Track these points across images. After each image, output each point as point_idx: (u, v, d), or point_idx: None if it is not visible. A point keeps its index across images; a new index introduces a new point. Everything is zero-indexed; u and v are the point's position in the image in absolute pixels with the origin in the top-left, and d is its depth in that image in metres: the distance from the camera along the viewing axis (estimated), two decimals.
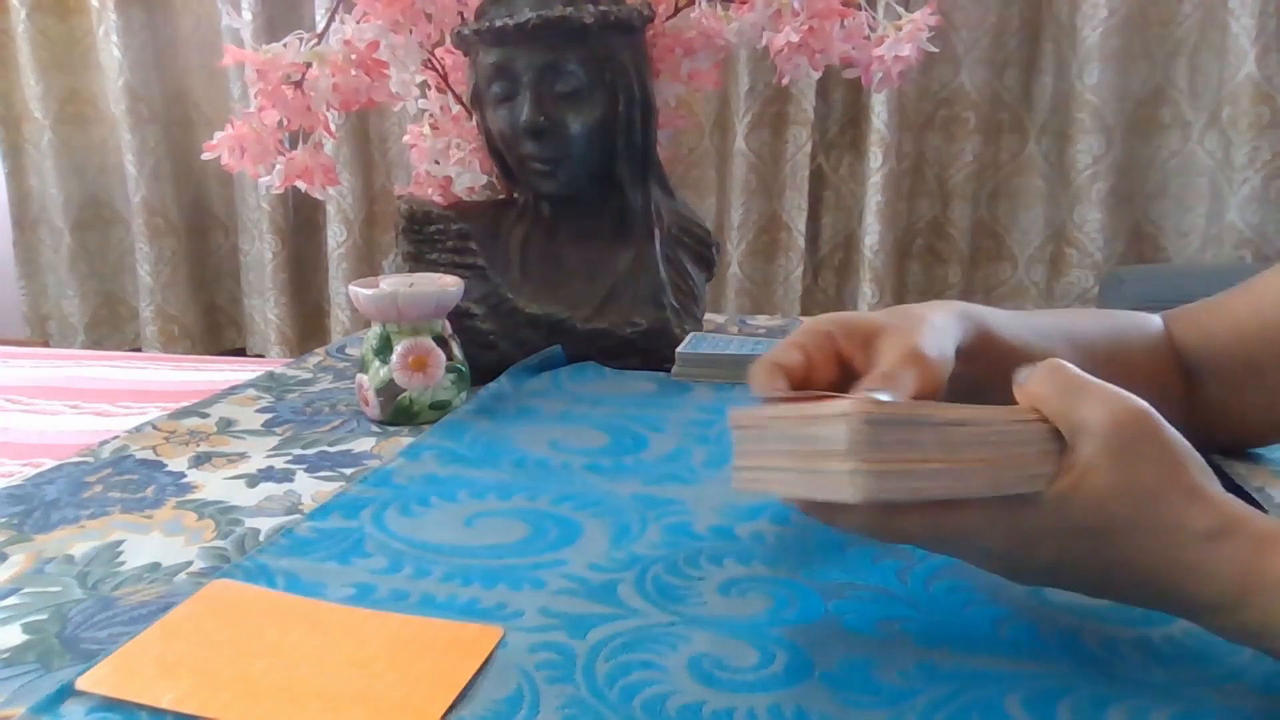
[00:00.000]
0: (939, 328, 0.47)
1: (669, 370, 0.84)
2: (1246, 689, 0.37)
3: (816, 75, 0.91)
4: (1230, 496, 0.37)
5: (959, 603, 0.44)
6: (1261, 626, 0.35)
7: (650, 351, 0.86)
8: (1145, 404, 0.37)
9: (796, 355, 0.47)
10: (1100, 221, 1.94)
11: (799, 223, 2.09)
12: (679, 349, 0.84)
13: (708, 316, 1.03)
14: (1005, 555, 0.38)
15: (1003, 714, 0.36)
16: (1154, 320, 0.61)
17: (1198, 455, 0.37)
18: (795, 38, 0.86)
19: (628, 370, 0.85)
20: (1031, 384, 0.38)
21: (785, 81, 0.91)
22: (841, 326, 0.48)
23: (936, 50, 0.92)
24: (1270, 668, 0.39)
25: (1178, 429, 0.37)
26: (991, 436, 0.36)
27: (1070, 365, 0.38)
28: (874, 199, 2.00)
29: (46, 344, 2.43)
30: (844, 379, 0.47)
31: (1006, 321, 0.53)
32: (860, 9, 0.89)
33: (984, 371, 0.49)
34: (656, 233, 0.89)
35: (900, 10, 0.89)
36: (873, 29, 0.89)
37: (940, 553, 0.40)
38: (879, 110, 1.96)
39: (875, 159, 1.98)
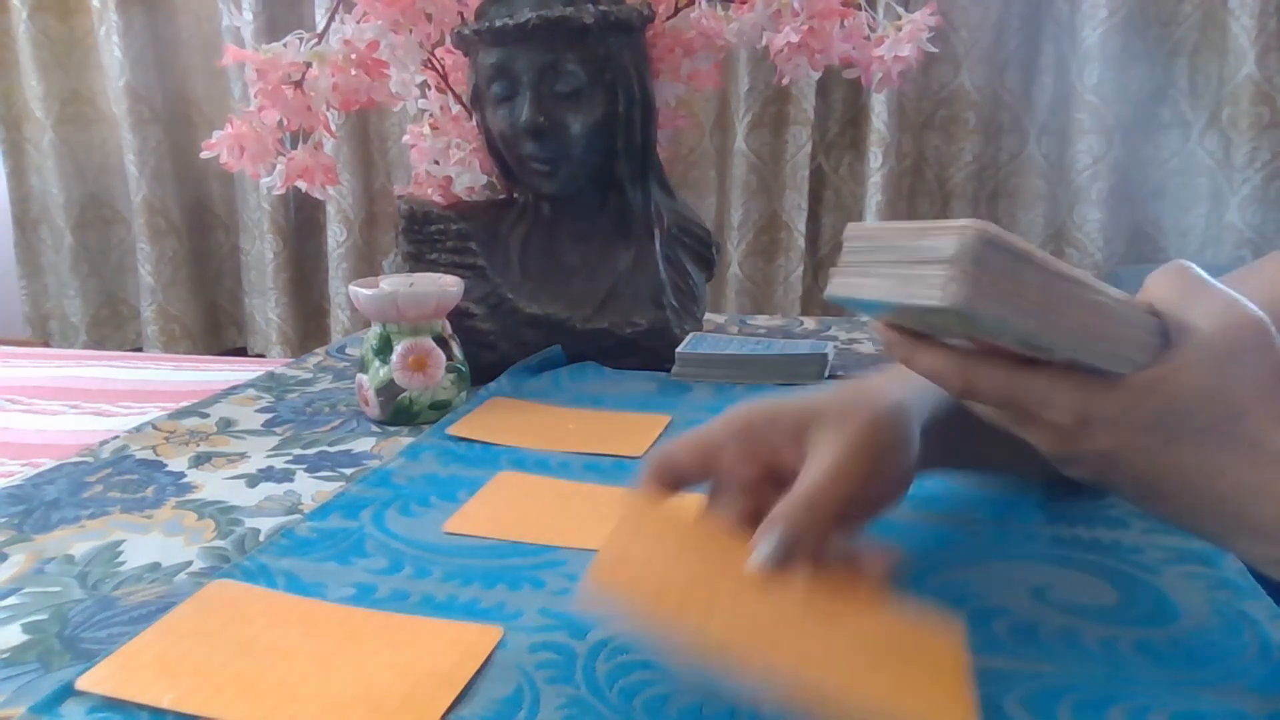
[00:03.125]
0: (890, 413, 0.42)
1: (669, 370, 0.84)
2: (1246, 689, 0.37)
3: (816, 75, 0.91)
4: None
5: (959, 602, 0.44)
6: None
7: (650, 351, 0.86)
8: (1264, 317, 0.35)
9: (688, 457, 0.43)
10: (1100, 221, 1.94)
11: (799, 223, 2.08)
12: (679, 349, 0.84)
13: (708, 316, 1.03)
14: (1065, 435, 0.36)
15: (1003, 714, 0.36)
16: None
17: None
18: (795, 38, 0.86)
19: (628, 370, 0.85)
20: (1153, 280, 0.37)
21: (785, 81, 0.91)
22: (764, 417, 0.43)
23: (936, 50, 0.92)
24: (1270, 668, 0.39)
25: None
26: (1097, 305, 0.34)
27: (1196, 267, 0.37)
28: (874, 199, 1.99)
29: (47, 344, 2.43)
30: (770, 479, 0.42)
31: None
32: (860, 9, 0.89)
33: (960, 439, 0.45)
34: (656, 233, 0.89)
35: (900, 10, 0.89)
36: (873, 29, 0.89)
37: (1001, 423, 0.38)
38: (879, 110, 1.96)
39: (875, 159, 1.98)
